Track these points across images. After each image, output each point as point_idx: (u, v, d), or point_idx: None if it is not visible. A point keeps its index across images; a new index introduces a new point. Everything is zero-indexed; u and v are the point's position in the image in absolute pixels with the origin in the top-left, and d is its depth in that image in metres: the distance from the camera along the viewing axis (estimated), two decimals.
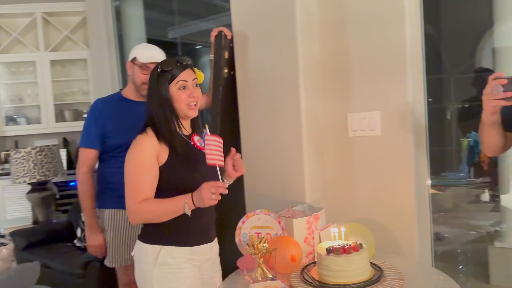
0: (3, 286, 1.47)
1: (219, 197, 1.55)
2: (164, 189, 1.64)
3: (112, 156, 2.25)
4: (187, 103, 1.66)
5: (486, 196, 4.21)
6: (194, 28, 5.21)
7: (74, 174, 4.58)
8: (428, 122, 2.10)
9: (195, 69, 1.75)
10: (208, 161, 1.58)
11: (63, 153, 4.66)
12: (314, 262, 1.84)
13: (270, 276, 1.80)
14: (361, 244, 1.68)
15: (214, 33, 2.25)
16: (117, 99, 2.32)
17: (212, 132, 1.93)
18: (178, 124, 1.68)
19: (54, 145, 3.99)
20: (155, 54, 2.18)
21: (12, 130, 4.74)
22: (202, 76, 1.94)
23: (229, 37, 2.29)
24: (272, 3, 2.16)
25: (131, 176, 1.61)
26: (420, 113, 2.05)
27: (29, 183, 3.82)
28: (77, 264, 2.92)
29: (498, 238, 3.69)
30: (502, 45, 3.63)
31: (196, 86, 1.71)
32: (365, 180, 2.15)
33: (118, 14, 4.61)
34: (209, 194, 1.53)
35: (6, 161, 4.64)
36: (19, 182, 3.72)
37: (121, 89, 2.40)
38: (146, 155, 1.60)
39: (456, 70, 5.39)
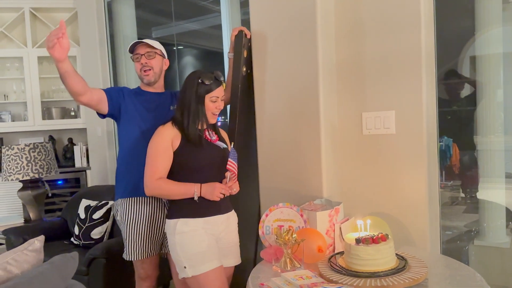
0: (47, 275, 1.47)
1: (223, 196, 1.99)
2: (177, 171, 1.98)
3: (131, 148, 2.27)
4: (212, 112, 2.03)
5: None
6: (178, 29, 5.23)
7: (62, 172, 4.52)
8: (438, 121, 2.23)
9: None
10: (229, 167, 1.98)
11: None
12: (338, 253, 1.93)
13: (298, 266, 1.87)
14: (387, 235, 1.78)
15: (235, 32, 2.31)
16: (136, 91, 2.37)
17: (231, 128, 2.31)
18: (201, 125, 2.01)
19: (47, 142, 3.91)
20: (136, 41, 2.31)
21: None
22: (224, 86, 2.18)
23: (248, 36, 2.36)
24: (293, 5, 2.24)
25: (150, 156, 1.98)
26: (432, 113, 2.17)
27: (21, 181, 3.73)
28: (80, 261, 2.88)
29: (477, 236, 3.89)
30: (482, 53, 3.84)
31: (222, 100, 2.06)
32: (379, 176, 2.26)
33: (109, 13, 4.57)
34: (219, 194, 1.96)
35: None
36: (12, 180, 3.62)
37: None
38: (163, 140, 1.96)
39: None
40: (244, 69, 2.36)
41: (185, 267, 1.94)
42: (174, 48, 5.20)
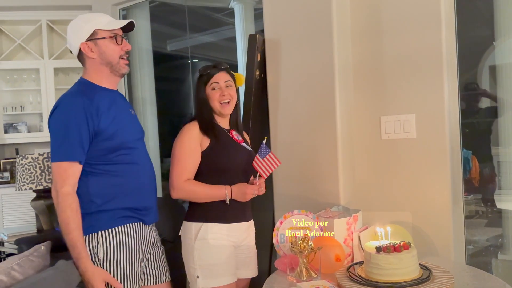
0: (50, 280, 1.41)
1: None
2: (204, 172, 1.89)
3: (107, 164, 1.72)
4: (219, 101, 1.92)
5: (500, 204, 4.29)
6: (193, 42, 5.24)
7: None
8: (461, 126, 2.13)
9: (234, 73, 2.01)
10: (258, 170, 1.88)
11: None
12: (358, 263, 1.82)
13: (314, 276, 1.77)
14: (409, 243, 1.67)
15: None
16: (96, 89, 1.73)
17: (245, 132, 2.17)
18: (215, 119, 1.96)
19: None
20: (113, 18, 1.79)
21: (12, 138, 4.63)
22: (241, 79, 2.07)
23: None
24: (308, 9, 2.18)
25: (178, 156, 1.87)
26: (454, 116, 2.07)
27: (34, 190, 3.71)
28: None
29: (501, 250, 3.72)
30: (503, 62, 3.71)
31: (228, 86, 1.94)
32: (399, 183, 2.16)
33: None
34: (251, 194, 1.89)
35: (5, 169, 4.52)
36: (25, 189, 3.60)
37: (82, 79, 1.78)
38: (192, 140, 1.87)
39: None
40: (258, 72, 2.30)
41: (198, 277, 1.84)
42: (189, 61, 5.20)
